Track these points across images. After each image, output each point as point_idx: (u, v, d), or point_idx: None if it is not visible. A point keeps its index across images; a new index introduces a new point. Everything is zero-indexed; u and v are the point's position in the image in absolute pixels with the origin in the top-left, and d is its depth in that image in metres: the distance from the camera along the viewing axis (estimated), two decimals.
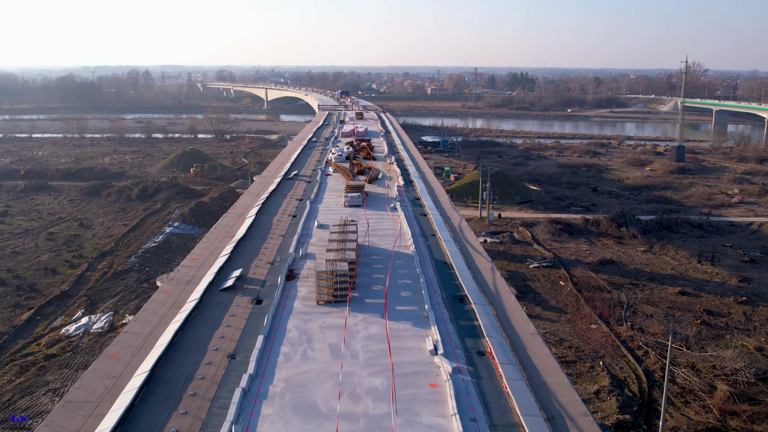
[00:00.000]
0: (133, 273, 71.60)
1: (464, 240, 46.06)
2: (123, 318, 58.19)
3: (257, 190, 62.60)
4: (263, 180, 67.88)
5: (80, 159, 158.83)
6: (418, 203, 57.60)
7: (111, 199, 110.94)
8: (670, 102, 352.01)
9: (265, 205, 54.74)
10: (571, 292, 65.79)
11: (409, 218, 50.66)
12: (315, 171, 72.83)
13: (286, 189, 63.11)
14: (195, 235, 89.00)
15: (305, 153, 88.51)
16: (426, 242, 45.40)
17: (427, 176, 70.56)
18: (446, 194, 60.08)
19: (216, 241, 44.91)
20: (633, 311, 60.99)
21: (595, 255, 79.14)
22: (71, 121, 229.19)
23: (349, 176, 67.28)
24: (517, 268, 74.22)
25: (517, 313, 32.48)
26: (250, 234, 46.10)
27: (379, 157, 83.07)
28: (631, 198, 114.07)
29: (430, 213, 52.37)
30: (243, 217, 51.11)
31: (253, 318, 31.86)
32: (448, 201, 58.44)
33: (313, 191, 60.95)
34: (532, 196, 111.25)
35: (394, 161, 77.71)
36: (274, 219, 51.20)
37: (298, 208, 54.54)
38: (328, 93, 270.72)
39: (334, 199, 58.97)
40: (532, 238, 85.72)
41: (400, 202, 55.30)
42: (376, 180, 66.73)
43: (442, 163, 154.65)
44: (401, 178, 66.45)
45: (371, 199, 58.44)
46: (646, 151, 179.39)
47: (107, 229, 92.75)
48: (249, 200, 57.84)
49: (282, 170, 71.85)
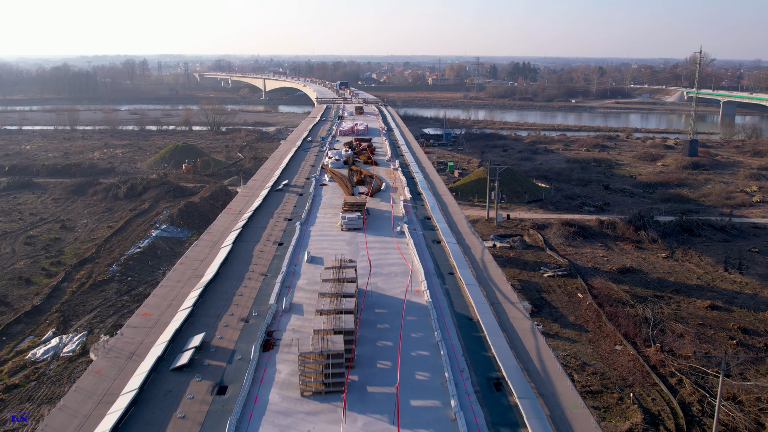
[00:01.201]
0: (113, 284, 65.91)
1: (490, 282, 36.57)
2: (97, 339, 52.57)
3: (240, 205, 52.81)
4: (248, 192, 57.99)
5: (69, 153, 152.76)
6: (429, 224, 48.05)
7: (97, 197, 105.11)
8: (676, 92, 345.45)
9: (246, 228, 45.56)
10: (591, 306, 60.16)
11: (420, 248, 41.41)
12: (309, 179, 63.66)
13: (273, 204, 53.47)
14: (183, 239, 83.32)
15: (299, 156, 78.33)
16: (443, 285, 35.85)
17: (437, 186, 61.80)
18: (461, 212, 51.36)
19: (179, 284, 35.37)
20: (660, 329, 55.41)
21: (614, 262, 73.44)
22: (63, 112, 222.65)
23: (347, 188, 57.99)
24: (530, 277, 68.55)
25: (580, 413, 23.45)
26: (223, 273, 36.63)
27: (381, 161, 73.95)
28: (645, 196, 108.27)
29: (445, 240, 42.87)
30: (218, 245, 41.87)
31: (211, 422, 22.67)
32: (465, 221, 49.05)
33: (305, 208, 51.35)
34: (541, 194, 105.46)
35: (398, 166, 69.00)
36: (256, 248, 41.57)
37: (286, 233, 45.04)
38: (327, 84, 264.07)
39: (330, 218, 49.27)
40: (545, 242, 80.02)
41: (408, 225, 46.01)
42: (379, 191, 57.75)
43: (445, 157, 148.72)
44: (407, 190, 57.18)
45: (373, 218, 48.89)
46: (656, 144, 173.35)
47: (90, 231, 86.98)
48: (229, 220, 48.40)
49: (271, 178, 62.63)
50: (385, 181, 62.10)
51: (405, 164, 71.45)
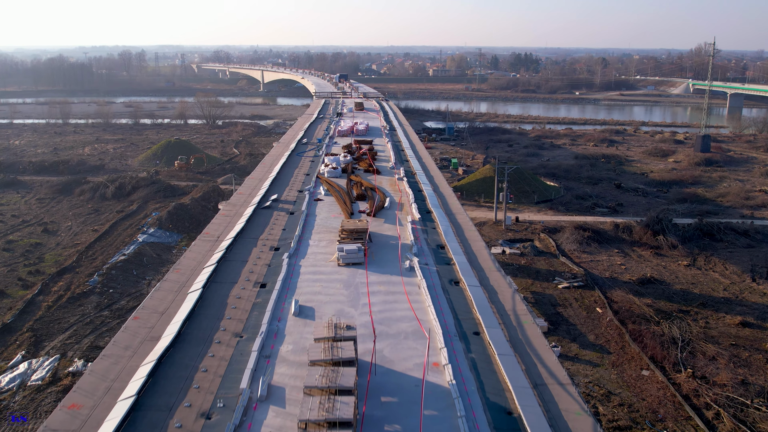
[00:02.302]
0: (93, 297, 60.89)
1: (528, 347, 27.55)
2: (70, 364, 47.63)
3: (218, 229, 44.18)
4: (230, 211, 49.08)
5: (59, 149, 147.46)
6: (444, 256, 39.22)
7: (84, 197, 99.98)
8: (682, 84, 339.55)
9: (223, 263, 36.90)
10: (612, 323, 55.22)
11: (434, 291, 33.31)
12: (302, 192, 54.89)
13: (258, 227, 44.84)
14: (172, 244, 78.30)
15: (292, 161, 69.65)
16: (468, 352, 27.13)
17: (448, 200, 52.98)
18: (479, 238, 43.16)
19: (127, 353, 26.34)
20: (690, 351, 50.51)
21: (633, 271, 68.45)
22: (56, 105, 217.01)
23: (345, 205, 49.61)
24: (543, 288, 63.58)
25: None
26: (186, 334, 28.00)
27: (384, 169, 65.12)
28: (660, 196, 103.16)
29: (465, 282, 34.22)
30: (186, 287, 33.35)
31: None
32: (485, 250, 40.42)
33: (295, 232, 42.76)
34: (551, 193, 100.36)
35: (403, 176, 60.58)
36: (233, 292, 33.19)
37: (271, 269, 36.60)
38: (326, 76, 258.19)
39: (324, 247, 40.52)
40: (557, 248, 75.00)
41: (419, 259, 37.51)
42: (382, 209, 49.36)
43: (448, 153, 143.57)
44: (415, 207, 48.82)
45: (377, 247, 40.33)
46: (666, 139, 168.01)
47: (74, 236, 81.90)
48: (203, 250, 39.58)
49: (258, 191, 53.97)
50: (389, 195, 53.99)
51: (410, 172, 63.56)
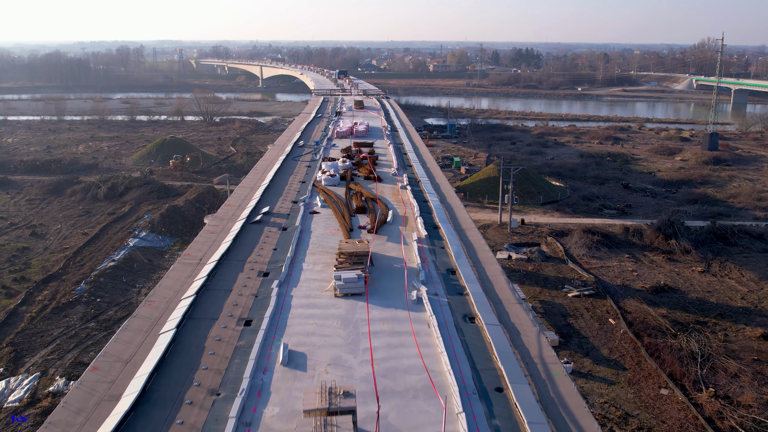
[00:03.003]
0: (79, 306, 57.88)
1: (562, 409, 22.11)
2: (51, 383, 44.68)
3: (202, 249, 38.18)
4: (216, 227, 42.89)
5: (52, 147, 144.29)
6: (455, 284, 33.32)
7: (75, 198, 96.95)
8: (685, 80, 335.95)
9: (203, 294, 31.24)
10: (626, 335, 52.27)
11: (447, 335, 27.27)
12: (296, 204, 48.92)
13: (246, 247, 38.53)
14: (164, 248, 75.31)
15: (287, 167, 63.53)
16: (491, 418, 21.60)
17: (457, 214, 47.13)
18: (495, 260, 36.88)
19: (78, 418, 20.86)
20: (711, 367, 47.57)
21: (645, 278, 65.45)
22: (52, 102, 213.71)
23: (344, 219, 43.95)
24: (552, 297, 60.59)
25: None
26: (150, 396, 22.33)
27: (385, 176, 59.19)
28: (669, 197, 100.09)
29: (483, 320, 28.31)
30: (156, 328, 27.46)
31: None
32: (503, 277, 34.23)
33: (288, 254, 36.52)
34: (557, 194, 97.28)
35: (406, 183, 54.93)
36: (212, 332, 27.42)
37: (258, 301, 30.89)
38: (325, 72, 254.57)
39: (319, 273, 34.61)
40: (565, 252, 72.00)
41: (427, 288, 31.82)
42: (385, 223, 43.75)
43: (450, 151, 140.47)
44: (421, 222, 43.10)
45: (379, 272, 34.46)
46: (671, 136, 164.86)
47: (63, 239, 78.92)
48: (183, 276, 33.76)
49: (249, 203, 48.27)
50: (392, 206, 48.47)
51: (414, 179, 57.92)
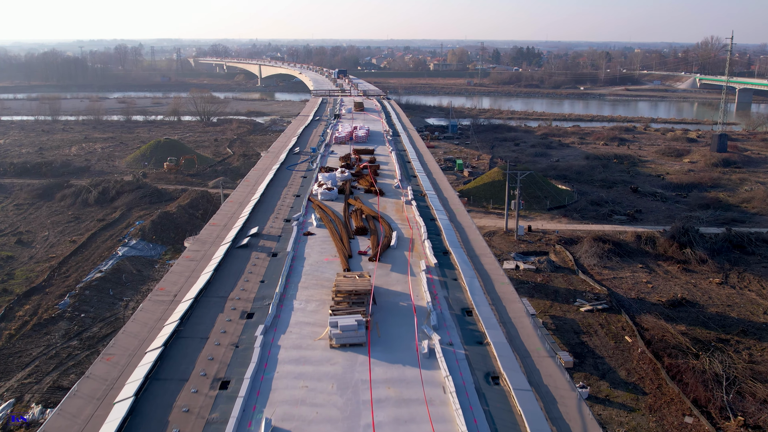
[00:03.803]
0: (62, 322, 54.52)
1: None
2: (26, 411, 41.32)
3: (178, 282, 32.11)
4: (197, 253, 36.80)
5: (44, 149, 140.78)
6: (473, 328, 27.40)
7: (65, 203, 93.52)
8: (688, 79, 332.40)
9: (174, 343, 25.40)
10: (645, 355, 48.94)
11: (467, 404, 21.59)
12: (289, 223, 43.03)
13: (229, 279, 32.53)
14: (155, 257, 71.95)
15: (280, 178, 57.38)
16: None
17: (469, 234, 41.26)
18: (517, 297, 30.93)
19: None
20: (737, 391, 44.23)
21: (660, 290, 62.10)
22: (47, 101, 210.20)
23: (342, 243, 38.00)
24: (564, 312, 57.24)
25: None
26: None
27: (388, 188, 53.32)
28: (680, 201, 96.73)
29: (510, 381, 22.84)
30: (112, 394, 21.80)
31: None
32: (528, 320, 28.32)
33: (276, 289, 30.80)
34: (564, 199, 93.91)
35: (411, 197, 49.17)
36: (178, 400, 21.70)
37: (238, 353, 24.88)
38: (324, 71, 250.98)
39: (313, 312, 28.80)
40: (575, 262, 68.65)
41: (441, 337, 26.03)
42: (388, 247, 37.95)
43: (452, 152, 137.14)
44: (429, 247, 37.15)
45: (382, 313, 28.69)
46: (678, 137, 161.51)
47: (50, 248, 75.55)
48: (154, 317, 27.96)
49: (236, 222, 42.42)
50: (396, 226, 42.64)
51: (420, 193, 52.04)
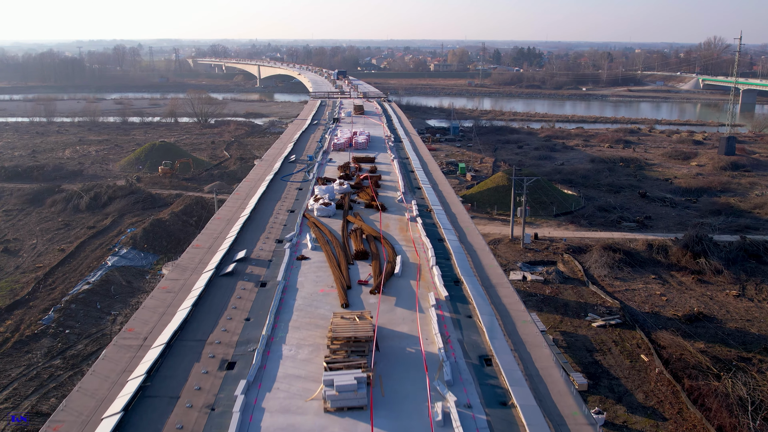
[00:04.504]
0: (45, 339, 51.57)
1: None
2: None
3: (150, 319, 27.89)
4: (176, 282, 32.31)
5: (37, 151, 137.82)
6: (494, 384, 22.90)
7: (56, 209, 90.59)
8: (691, 80, 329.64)
9: (137, 405, 21.27)
10: (663, 377, 46.02)
11: None
12: (281, 244, 38.33)
13: (209, 316, 28.28)
14: (146, 267, 69.00)
15: (274, 190, 52.78)
16: None
17: (482, 258, 36.40)
18: (544, 342, 26.18)
19: None
20: (765, 417, 41.31)
21: (676, 304, 59.17)
22: (45, 102, 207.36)
23: (340, 270, 33.49)
24: (575, 327, 54.30)
25: None
26: None
27: (390, 202, 48.48)
28: (690, 207, 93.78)
29: None
30: None
31: None
32: (559, 374, 23.73)
33: (263, 327, 26.63)
34: (570, 204, 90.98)
35: (416, 213, 44.50)
36: None
37: (212, 420, 20.54)
38: (323, 72, 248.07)
39: (305, 362, 24.25)
40: (585, 273, 65.73)
41: (456, 395, 21.65)
42: (392, 275, 33.20)
43: (455, 155, 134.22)
44: (438, 274, 32.70)
45: (387, 362, 24.21)
46: (684, 139, 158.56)
47: (37, 256, 72.63)
48: (118, 367, 23.80)
49: (222, 243, 37.98)
50: (400, 249, 37.77)
51: (425, 207, 47.24)
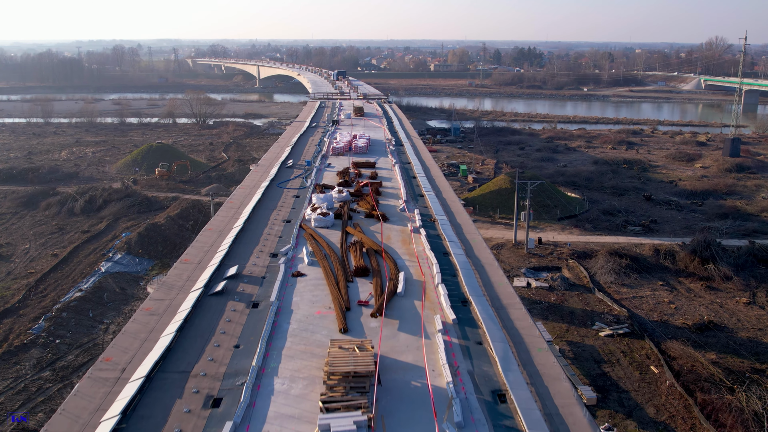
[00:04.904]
0: (34, 350, 49.92)
1: None
2: None
3: (128, 351, 24.85)
4: (162, 301, 29.46)
5: (33, 153, 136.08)
6: (509, 423, 20.52)
7: (50, 212, 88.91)
8: (693, 80, 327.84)
9: None
10: (674, 390, 44.35)
11: None
12: (275, 258, 35.23)
13: (194, 345, 25.33)
14: (141, 273, 67.34)
15: (269, 198, 49.56)
16: None
17: (491, 274, 33.50)
18: (563, 374, 23.81)
19: None
20: None
21: (685, 312, 57.52)
22: (42, 102, 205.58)
23: (339, 290, 30.53)
24: (582, 337, 52.63)
25: None
26: None
27: (392, 211, 45.68)
28: (695, 210, 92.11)
29: None
30: None
31: None
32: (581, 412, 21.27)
33: (254, 357, 23.84)
34: (574, 207, 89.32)
35: (419, 224, 41.61)
36: None
37: None
38: (323, 72, 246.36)
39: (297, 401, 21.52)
40: (591, 279, 64.07)
41: None
42: (394, 295, 30.44)
43: (456, 157, 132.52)
44: (444, 293, 29.85)
45: (389, 398, 21.68)
46: (687, 140, 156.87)
47: (30, 262, 70.97)
48: (86, 411, 20.67)
49: (213, 257, 34.63)
50: (402, 263, 34.80)
51: (429, 218, 44.31)
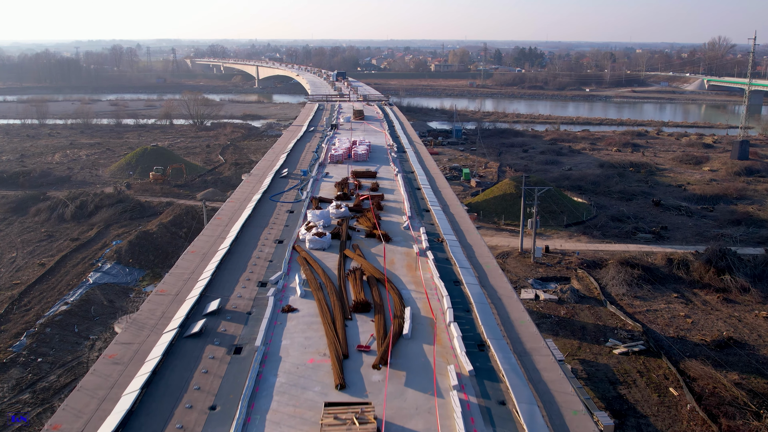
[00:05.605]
0: (14, 369, 46.97)
1: None
2: None
3: (82, 413, 20.22)
4: (129, 344, 24.93)
5: (26, 155, 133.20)
6: None
7: (40, 218, 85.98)
8: (696, 80, 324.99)
9: None
10: (696, 414, 41.43)
11: None
12: (264, 288, 30.68)
13: (161, 406, 20.68)
14: (131, 284, 64.39)
15: (261, 214, 44.80)
16: None
17: (510, 310, 28.70)
18: None
19: None
20: None
21: (702, 326, 54.60)
22: (37, 103, 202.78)
23: (335, 331, 25.96)
24: (595, 355, 49.69)
25: None
26: None
27: (395, 229, 40.87)
28: (707, 216, 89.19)
29: None
30: None
31: None
32: None
33: (231, 425, 19.30)
34: (581, 213, 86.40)
35: (426, 245, 36.81)
36: None
37: None
38: (322, 73, 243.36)
39: None
40: (602, 291, 61.14)
41: None
42: (400, 337, 25.72)
43: (458, 159, 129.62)
44: (458, 335, 25.44)
45: None
46: (693, 142, 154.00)
47: (15, 272, 68.02)
48: None
49: (193, 288, 30.35)
50: (408, 296, 30.21)
51: (436, 237, 39.29)
